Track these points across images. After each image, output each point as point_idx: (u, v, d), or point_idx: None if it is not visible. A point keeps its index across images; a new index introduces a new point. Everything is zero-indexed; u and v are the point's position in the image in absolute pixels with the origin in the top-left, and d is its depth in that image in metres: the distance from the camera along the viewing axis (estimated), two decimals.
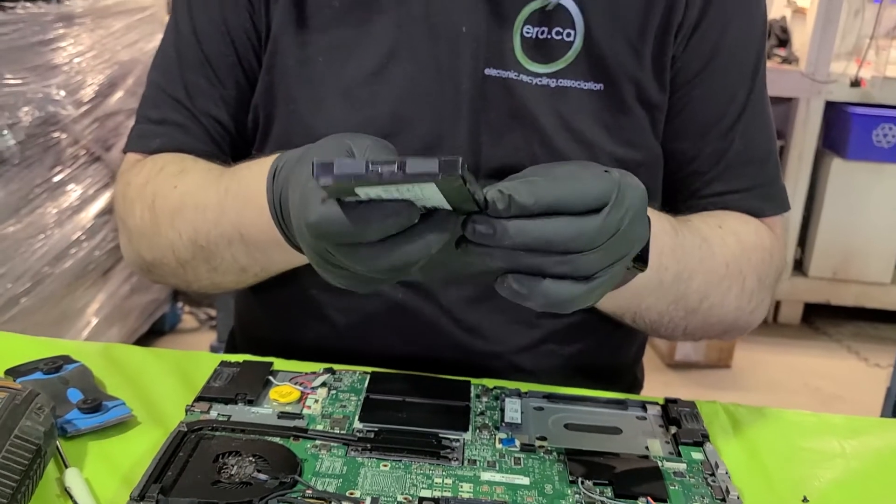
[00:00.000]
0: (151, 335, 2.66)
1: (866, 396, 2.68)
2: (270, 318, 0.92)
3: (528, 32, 0.79)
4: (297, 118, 0.81)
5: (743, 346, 2.88)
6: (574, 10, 0.79)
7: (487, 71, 0.80)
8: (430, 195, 0.50)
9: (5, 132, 1.86)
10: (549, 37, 0.80)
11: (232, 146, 0.87)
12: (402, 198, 0.50)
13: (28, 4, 1.94)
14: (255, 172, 0.72)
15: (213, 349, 2.34)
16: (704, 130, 0.86)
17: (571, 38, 0.80)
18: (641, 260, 0.63)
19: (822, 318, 3.22)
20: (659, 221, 0.76)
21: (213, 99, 0.85)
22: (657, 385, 2.76)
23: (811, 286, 3.14)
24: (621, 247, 0.57)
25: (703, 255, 0.80)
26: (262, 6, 0.82)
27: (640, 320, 0.84)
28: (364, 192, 0.49)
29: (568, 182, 0.55)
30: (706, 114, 0.86)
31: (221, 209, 0.76)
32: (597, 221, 0.55)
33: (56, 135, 2.03)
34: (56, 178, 2.05)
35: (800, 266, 3.18)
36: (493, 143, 0.81)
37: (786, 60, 3.01)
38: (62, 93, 2.04)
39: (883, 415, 2.08)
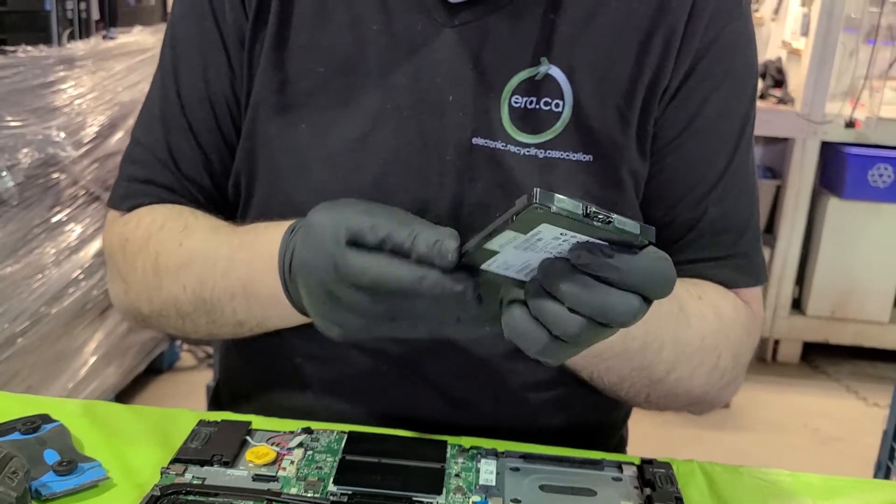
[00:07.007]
0: (150, 373, 2.66)
1: (866, 437, 2.66)
2: (255, 383, 0.92)
3: (516, 102, 0.78)
4: (279, 186, 0.81)
5: (742, 384, 2.87)
6: (562, 79, 0.78)
7: (475, 140, 0.78)
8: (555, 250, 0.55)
9: (4, 174, 1.88)
10: (537, 107, 0.78)
11: (217, 210, 0.86)
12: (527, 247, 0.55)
13: (29, 48, 1.97)
14: (272, 229, 0.74)
15: (210, 388, 2.34)
16: (677, 200, 0.83)
17: (560, 109, 0.78)
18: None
19: (821, 357, 3.21)
20: None
21: (196, 165, 0.85)
22: (655, 425, 2.75)
23: (809, 325, 3.14)
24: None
25: (678, 327, 0.78)
26: (243, 72, 0.82)
27: (599, 380, 0.81)
28: (500, 242, 0.54)
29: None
30: (679, 182, 0.83)
31: (231, 262, 0.76)
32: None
33: (55, 175, 2.05)
34: (55, 219, 2.07)
35: (798, 305, 3.18)
36: (479, 213, 0.78)
37: (781, 101, 3.04)
38: (62, 134, 2.05)
39: (880, 456, 2.07)
